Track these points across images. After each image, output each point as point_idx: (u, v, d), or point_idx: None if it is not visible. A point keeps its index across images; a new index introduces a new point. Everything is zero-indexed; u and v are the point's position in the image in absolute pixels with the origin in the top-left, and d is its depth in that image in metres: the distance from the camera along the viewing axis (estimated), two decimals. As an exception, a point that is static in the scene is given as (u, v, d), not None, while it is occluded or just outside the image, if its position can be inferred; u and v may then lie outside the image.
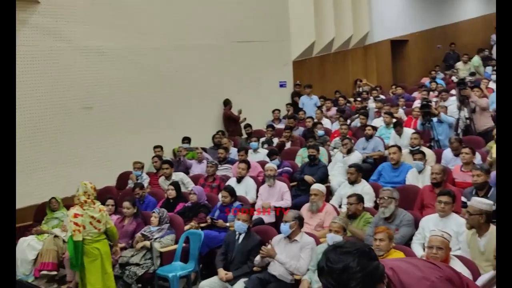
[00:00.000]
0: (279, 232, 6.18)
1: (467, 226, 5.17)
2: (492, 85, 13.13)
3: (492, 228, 5.13)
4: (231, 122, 12.10)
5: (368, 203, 7.00)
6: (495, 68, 15.37)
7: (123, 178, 9.92)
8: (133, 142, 10.37)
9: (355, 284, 1.93)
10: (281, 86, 13.79)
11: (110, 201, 7.83)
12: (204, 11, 11.79)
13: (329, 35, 14.70)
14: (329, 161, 9.48)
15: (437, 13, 19.41)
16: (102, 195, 8.07)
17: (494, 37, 19.31)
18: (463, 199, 6.33)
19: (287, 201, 7.99)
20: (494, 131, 8.09)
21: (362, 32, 16.02)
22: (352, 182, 7.52)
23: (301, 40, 14.08)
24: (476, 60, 16.53)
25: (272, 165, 8.43)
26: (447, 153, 8.32)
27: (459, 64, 16.84)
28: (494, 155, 7.62)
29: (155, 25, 10.90)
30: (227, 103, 12.21)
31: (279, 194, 8.06)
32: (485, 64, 16.98)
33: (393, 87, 15.00)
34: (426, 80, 16.37)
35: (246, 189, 8.34)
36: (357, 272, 1.95)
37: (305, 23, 13.95)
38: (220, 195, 7.78)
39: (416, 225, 6.01)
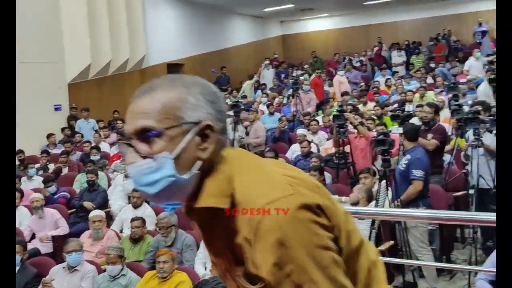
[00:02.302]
0: (58, 263, 5.94)
1: None
2: (262, 107, 14.10)
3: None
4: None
5: (150, 226, 7.03)
6: (264, 91, 16.51)
7: None
8: None
9: None
10: (56, 109, 13.25)
11: None
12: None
13: (105, 57, 14.48)
14: (109, 185, 9.32)
15: (211, 38, 20.23)
16: None
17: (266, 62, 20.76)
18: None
19: (64, 228, 7.64)
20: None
21: (139, 56, 16.05)
22: (137, 206, 7.48)
23: (75, 62, 13.63)
24: (247, 85, 17.57)
25: (37, 195, 7.79)
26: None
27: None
28: None
29: None
30: None
31: (52, 222, 7.64)
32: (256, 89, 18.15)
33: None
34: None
35: (20, 219, 7.80)
36: None
37: (80, 44, 13.54)
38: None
39: (197, 245, 6.18)
